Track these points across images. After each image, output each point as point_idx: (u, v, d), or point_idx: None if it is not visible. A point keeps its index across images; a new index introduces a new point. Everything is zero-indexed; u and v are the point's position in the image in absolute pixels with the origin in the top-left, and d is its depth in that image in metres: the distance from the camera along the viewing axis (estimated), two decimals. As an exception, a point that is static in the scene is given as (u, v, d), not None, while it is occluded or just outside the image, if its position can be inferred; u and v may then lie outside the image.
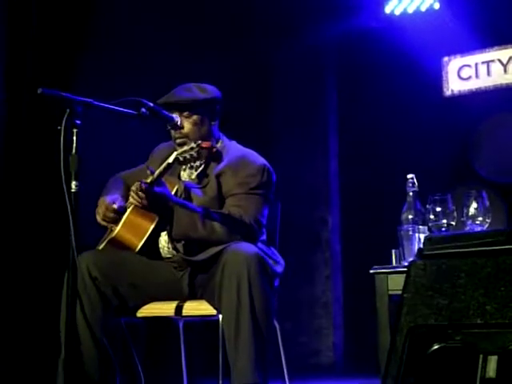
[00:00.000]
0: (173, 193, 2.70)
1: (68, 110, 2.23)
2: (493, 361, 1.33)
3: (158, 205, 2.57)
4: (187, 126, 2.75)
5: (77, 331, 2.48)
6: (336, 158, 5.60)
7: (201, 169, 2.77)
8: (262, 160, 2.79)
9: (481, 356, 1.35)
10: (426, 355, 1.38)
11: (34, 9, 4.13)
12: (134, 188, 2.57)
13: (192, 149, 2.56)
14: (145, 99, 2.53)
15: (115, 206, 2.72)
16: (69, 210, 2.18)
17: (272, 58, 5.66)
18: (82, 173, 2.24)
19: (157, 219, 2.67)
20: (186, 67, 4.35)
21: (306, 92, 5.64)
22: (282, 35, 5.47)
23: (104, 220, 2.74)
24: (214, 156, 2.73)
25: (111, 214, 2.71)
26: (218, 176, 2.73)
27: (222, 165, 2.74)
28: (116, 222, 2.70)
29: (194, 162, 2.66)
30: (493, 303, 1.37)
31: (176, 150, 2.65)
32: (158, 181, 2.57)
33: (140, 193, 2.53)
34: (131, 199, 2.59)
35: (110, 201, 2.74)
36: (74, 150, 2.24)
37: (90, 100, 2.30)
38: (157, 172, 2.56)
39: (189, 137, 2.71)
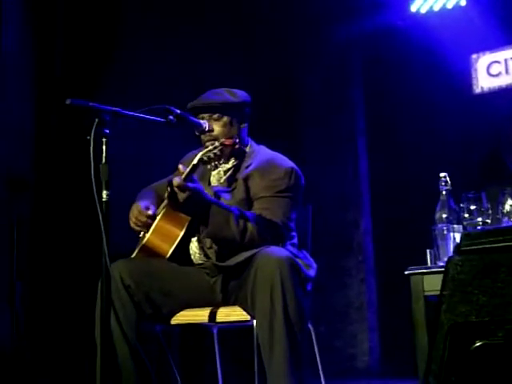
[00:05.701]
0: None
1: (96, 120, 2.24)
2: (537, 356, 1.30)
3: (193, 200, 2.49)
4: (217, 128, 2.74)
5: (112, 340, 2.48)
6: (365, 159, 5.54)
7: (230, 173, 2.77)
8: (289, 163, 2.76)
9: (524, 352, 1.31)
10: (467, 353, 1.35)
11: (61, 21, 4.19)
12: (173, 182, 2.48)
13: (215, 148, 2.53)
14: (173, 106, 2.53)
15: (150, 212, 2.72)
16: (100, 219, 2.19)
17: (298, 58, 5.62)
18: (113, 182, 2.24)
19: (187, 225, 2.66)
20: (212, 73, 4.36)
21: (333, 92, 5.60)
22: (308, 34, 5.45)
23: (136, 225, 2.75)
24: (238, 153, 2.71)
25: (144, 218, 2.72)
26: (246, 179, 2.71)
27: (250, 168, 2.73)
28: (148, 227, 2.70)
29: (219, 161, 2.62)
30: (535, 297, 1.32)
31: None
32: (189, 179, 2.50)
33: (176, 187, 2.46)
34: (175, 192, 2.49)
35: (143, 206, 2.75)
36: (104, 160, 2.24)
37: (117, 109, 2.30)
38: (185, 173, 2.50)
39: (218, 139, 2.67)
